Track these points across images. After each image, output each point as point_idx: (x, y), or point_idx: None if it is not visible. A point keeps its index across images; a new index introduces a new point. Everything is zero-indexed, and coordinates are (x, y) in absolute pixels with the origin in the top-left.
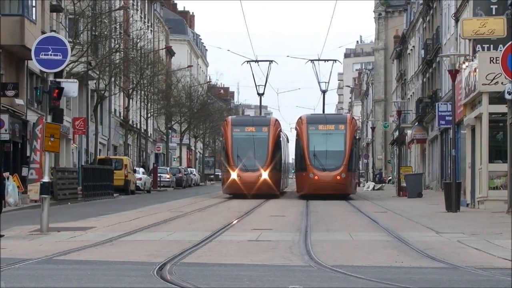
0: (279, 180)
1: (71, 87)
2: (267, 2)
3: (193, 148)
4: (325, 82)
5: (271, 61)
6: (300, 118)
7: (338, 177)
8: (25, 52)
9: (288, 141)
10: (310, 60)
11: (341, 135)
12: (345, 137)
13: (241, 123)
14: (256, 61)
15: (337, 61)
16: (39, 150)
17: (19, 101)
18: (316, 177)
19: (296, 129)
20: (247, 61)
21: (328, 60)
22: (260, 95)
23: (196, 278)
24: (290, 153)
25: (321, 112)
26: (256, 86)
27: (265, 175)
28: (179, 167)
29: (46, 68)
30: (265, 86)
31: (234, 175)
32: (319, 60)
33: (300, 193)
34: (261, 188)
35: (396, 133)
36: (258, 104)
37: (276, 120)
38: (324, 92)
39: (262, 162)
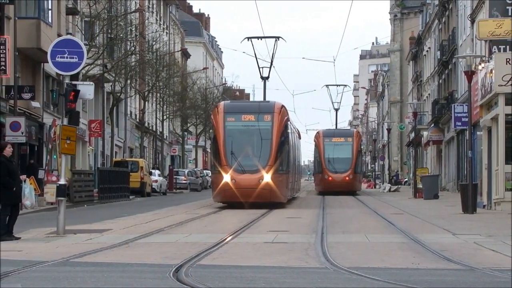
0: (286, 184)
1: (87, 89)
2: (283, 3)
3: (208, 150)
4: (338, 102)
5: (277, 38)
6: (318, 132)
7: (347, 178)
8: (41, 55)
9: (300, 137)
10: (325, 85)
11: (349, 145)
12: (352, 147)
13: (237, 110)
14: (259, 37)
15: (347, 86)
16: (50, 152)
17: (35, 104)
18: (330, 178)
19: (314, 141)
20: (248, 38)
21: (340, 85)
22: (265, 78)
23: (212, 280)
24: (303, 152)
25: (334, 127)
26: (259, 68)
27: (267, 177)
28: (195, 169)
29: (62, 71)
30: (270, 68)
31: (227, 177)
32: (333, 85)
33: (318, 190)
34: (262, 195)
35: (412, 135)
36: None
37: (283, 106)
38: (336, 110)
39: (263, 161)
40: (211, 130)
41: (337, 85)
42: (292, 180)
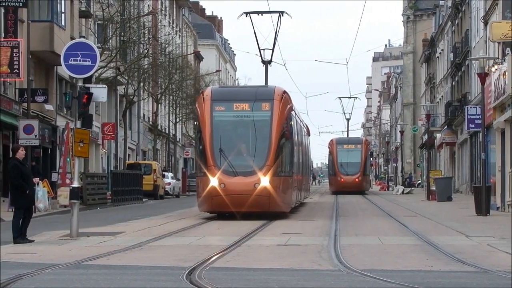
0: (289, 190)
1: (100, 92)
2: (295, 4)
3: None
4: (349, 113)
5: (281, 13)
6: (332, 140)
7: (357, 180)
8: (55, 58)
9: (309, 133)
10: (338, 97)
11: (358, 151)
12: (361, 153)
13: (227, 97)
14: (259, 12)
15: (357, 98)
16: (64, 155)
17: (48, 107)
18: (342, 180)
19: (328, 147)
20: (246, 13)
21: (351, 97)
22: (267, 63)
23: (225, 283)
24: (315, 155)
25: (346, 135)
26: (259, 49)
27: (265, 181)
28: None
29: (75, 74)
30: (273, 48)
31: (214, 181)
32: (346, 97)
33: (331, 190)
34: (258, 203)
35: (425, 137)
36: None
37: (285, 92)
38: (348, 120)
39: (260, 161)
40: (195, 122)
41: (349, 97)
42: (297, 184)
